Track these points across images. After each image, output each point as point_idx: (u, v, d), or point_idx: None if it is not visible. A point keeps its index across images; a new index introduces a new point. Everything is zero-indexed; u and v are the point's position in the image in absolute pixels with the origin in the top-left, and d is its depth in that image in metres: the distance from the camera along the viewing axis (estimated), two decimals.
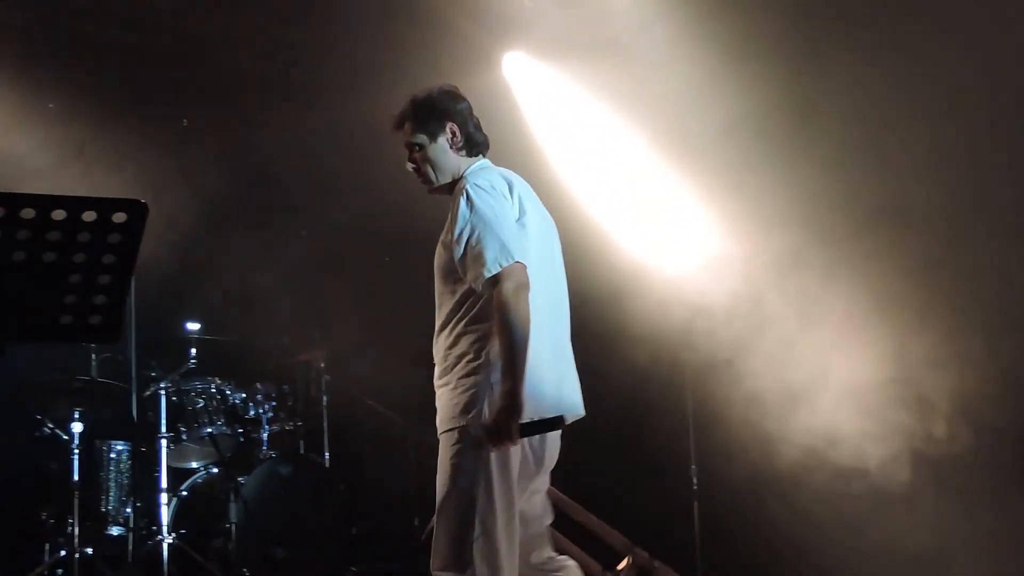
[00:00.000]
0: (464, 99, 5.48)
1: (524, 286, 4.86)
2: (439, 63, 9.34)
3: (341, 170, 10.12)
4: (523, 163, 9.26)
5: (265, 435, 9.31)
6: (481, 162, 5.39)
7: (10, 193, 3.22)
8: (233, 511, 8.76)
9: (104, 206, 3.40)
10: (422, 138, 5.31)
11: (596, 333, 7.67)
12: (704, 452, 8.69)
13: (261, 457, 9.18)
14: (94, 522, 8.68)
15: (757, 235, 8.26)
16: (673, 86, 8.42)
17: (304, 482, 9.14)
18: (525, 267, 4.89)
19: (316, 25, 9.84)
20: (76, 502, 8.35)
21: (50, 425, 8.69)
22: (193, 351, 9.25)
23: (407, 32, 9.41)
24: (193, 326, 9.35)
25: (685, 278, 8.65)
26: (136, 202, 3.42)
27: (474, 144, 5.40)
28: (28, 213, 3.25)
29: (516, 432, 4.76)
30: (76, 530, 8.24)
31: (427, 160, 5.31)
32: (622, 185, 9.16)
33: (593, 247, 8.95)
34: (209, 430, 9.03)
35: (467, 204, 5.01)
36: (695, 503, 8.67)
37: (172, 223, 9.02)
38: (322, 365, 10.01)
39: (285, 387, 9.61)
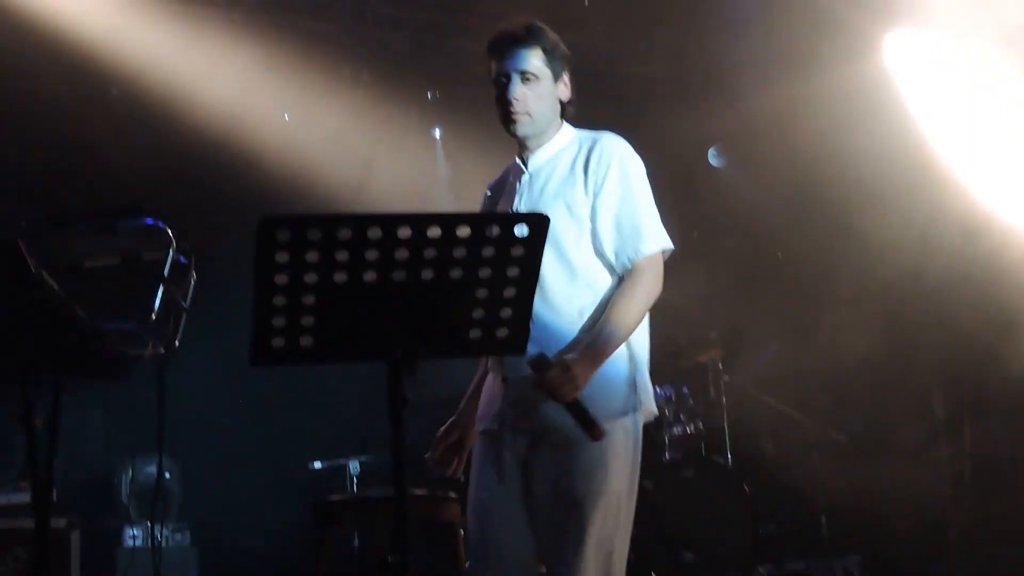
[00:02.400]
0: None
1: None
2: (820, 51, 9.23)
3: (725, 171, 10.07)
4: (909, 148, 9.14)
5: (667, 438, 9.30)
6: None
7: (416, 213, 3.29)
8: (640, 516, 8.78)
9: (507, 221, 3.44)
10: (546, 72, 4.71)
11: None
12: None
13: (664, 460, 9.18)
14: None
15: None
16: None
17: (708, 484, 9.09)
18: None
19: (690, 23, 9.84)
20: None
21: None
22: None
23: (784, 20, 9.29)
24: None
25: None
26: (537, 215, 3.44)
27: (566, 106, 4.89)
28: (434, 232, 3.31)
29: None
30: None
31: (539, 98, 4.70)
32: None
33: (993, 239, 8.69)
34: None
35: (627, 170, 4.71)
36: None
37: None
38: (720, 366, 9.93)
39: (684, 389, 9.58)
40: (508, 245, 3.42)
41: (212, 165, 9.54)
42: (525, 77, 4.65)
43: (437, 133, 10.23)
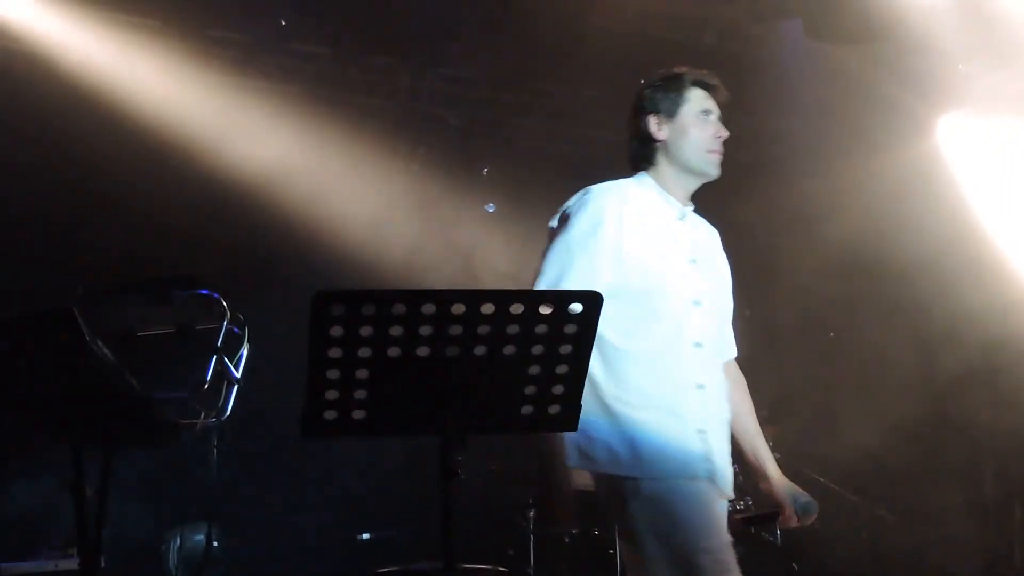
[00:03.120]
0: None
1: None
2: (873, 132, 9.29)
3: (781, 248, 10.08)
4: (961, 226, 9.18)
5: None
6: None
7: (469, 290, 3.31)
8: None
9: (560, 298, 3.45)
10: None
11: None
12: None
13: None
14: None
15: None
16: None
17: (757, 563, 9.01)
18: None
19: (746, 105, 9.88)
20: None
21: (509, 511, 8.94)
22: None
23: (841, 103, 9.37)
24: None
25: None
26: (591, 292, 3.45)
27: None
28: (488, 308, 3.32)
29: None
30: None
31: None
32: None
33: None
34: None
35: None
36: None
37: None
38: (770, 443, 9.85)
39: (735, 466, 9.51)
40: (562, 322, 3.43)
41: (269, 238, 9.61)
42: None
43: (491, 208, 10.28)
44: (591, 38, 9.08)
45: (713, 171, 4.72)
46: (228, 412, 4.73)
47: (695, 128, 4.70)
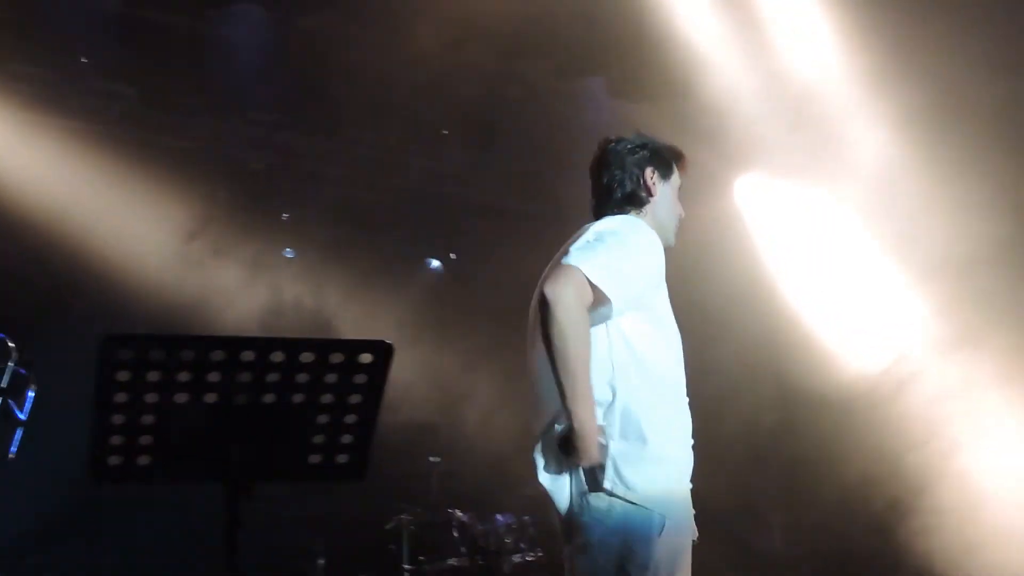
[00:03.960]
0: None
1: None
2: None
3: None
4: (757, 284, 9.46)
5: (508, 567, 9.26)
6: None
7: (261, 337, 3.30)
8: None
9: (350, 347, 3.46)
10: None
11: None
12: None
13: None
14: None
15: None
16: (905, 205, 8.51)
17: None
18: None
19: (549, 159, 10.03)
20: None
21: (293, 559, 8.89)
22: (434, 482, 9.34)
23: None
24: (434, 458, 9.45)
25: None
26: (381, 342, 3.47)
27: None
28: (277, 356, 3.32)
29: None
30: None
31: None
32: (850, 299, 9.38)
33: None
34: (451, 562, 9.05)
35: None
36: None
37: (413, 356, 9.23)
38: None
39: (526, 517, 9.58)
40: (352, 371, 3.44)
41: (64, 278, 9.40)
42: None
43: (290, 254, 10.20)
44: (398, 89, 9.14)
45: (674, 240, 4.87)
46: (12, 453, 4.63)
47: (675, 200, 4.89)
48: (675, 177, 4.90)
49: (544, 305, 4.11)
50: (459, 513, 9.26)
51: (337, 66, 9.06)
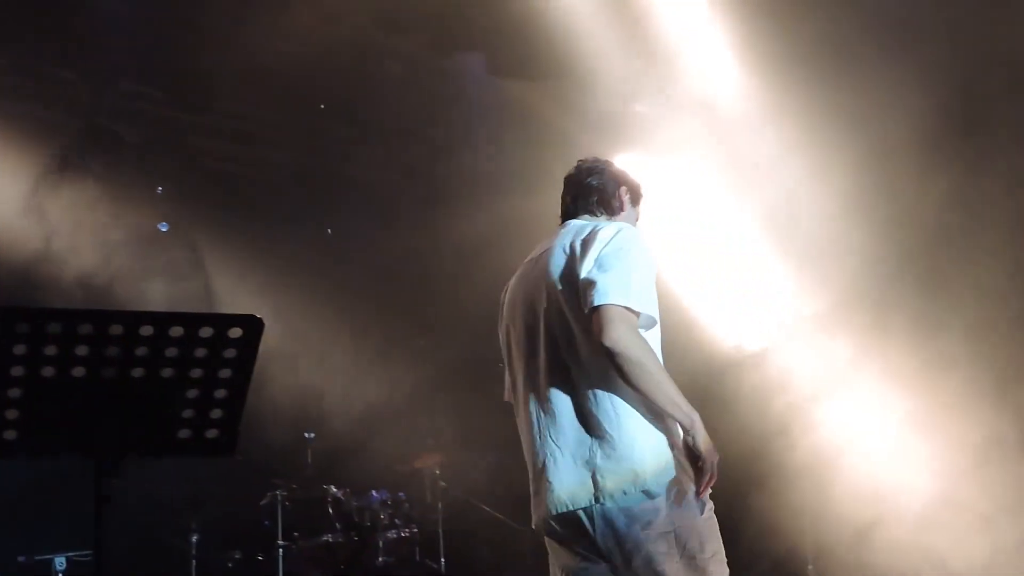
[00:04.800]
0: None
1: None
2: (552, 169, 9.51)
3: (459, 277, 10.22)
4: None
5: (381, 542, 9.28)
6: None
7: (130, 311, 3.27)
8: None
9: (220, 321, 3.44)
10: None
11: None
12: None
13: (378, 564, 9.15)
14: None
15: None
16: (782, 184, 8.62)
17: None
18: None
19: (431, 133, 10.02)
20: None
21: (169, 535, 8.81)
22: (309, 459, 9.32)
23: (519, 140, 9.56)
24: (309, 434, 9.43)
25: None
26: (252, 317, 3.45)
27: None
28: (146, 330, 3.30)
29: None
30: None
31: None
32: (724, 276, 9.49)
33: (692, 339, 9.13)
34: (326, 538, 9.05)
35: None
36: None
37: (286, 331, 9.20)
38: (437, 472, 10.01)
39: (401, 494, 9.60)
40: (222, 346, 3.43)
41: None
42: None
43: (164, 227, 10.07)
44: (276, 64, 9.07)
45: None
46: None
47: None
48: (639, 209, 5.20)
49: (612, 355, 4.30)
50: (334, 489, 9.25)
51: (213, 39, 8.96)
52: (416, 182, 10.67)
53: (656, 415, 4.43)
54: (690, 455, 4.42)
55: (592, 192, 5.07)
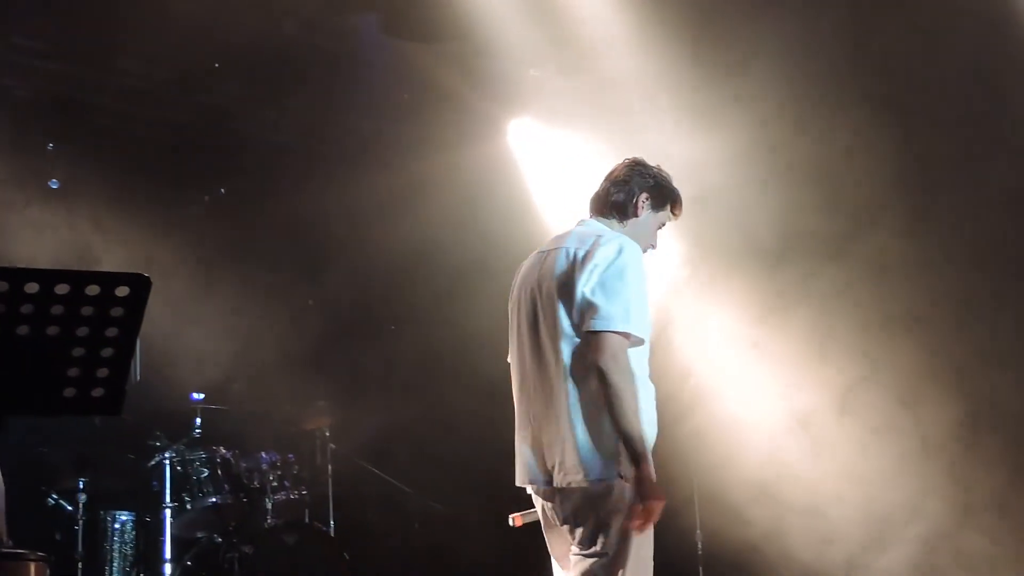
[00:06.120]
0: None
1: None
2: (445, 133, 9.53)
3: (349, 240, 10.20)
4: (524, 226, 9.54)
5: (270, 504, 9.25)
6: None
7: (13, 267, 3.23)
8: None
9: (107, 280, 3.41)
10: None
11: None
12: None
13: (266, 526, 9.12)
14: None
15: None
16: (676, 151, 8.68)
17: (309, 551, 9.08)
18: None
19: (324, 96, 9.96)
20: (80, 573, 8.35)
21: (55, 496, 8.73)
22: (198, 420, 9.26)
23: (415, 101, 9.54)
24: (198, 395, 9.36)
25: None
26: (139, 275, 3.43)
27: None
28: (32, 287, 3.25)
29: None
30: None
31: None
32: None
33: None
34: (214, 499, 9.00)
35: None
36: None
37: (175, 293, 9.14)
38: (327, 433, 10.00)
39: (290, 456, 9.57)
40: (108, 304, 3.39)
41: None
42: None
43: (55, 184, 9.92)
44: (171, 20, 8.95)
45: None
46: None
47: (654, 231, 5.53)
48: (664, 213, 5.53)
49: (600, 376, 4.84)
50: (223, 450, 9.21)
51: None
52: (311, 143, 10.61)
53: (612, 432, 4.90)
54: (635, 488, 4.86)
55: (609, 193, 5.50)
